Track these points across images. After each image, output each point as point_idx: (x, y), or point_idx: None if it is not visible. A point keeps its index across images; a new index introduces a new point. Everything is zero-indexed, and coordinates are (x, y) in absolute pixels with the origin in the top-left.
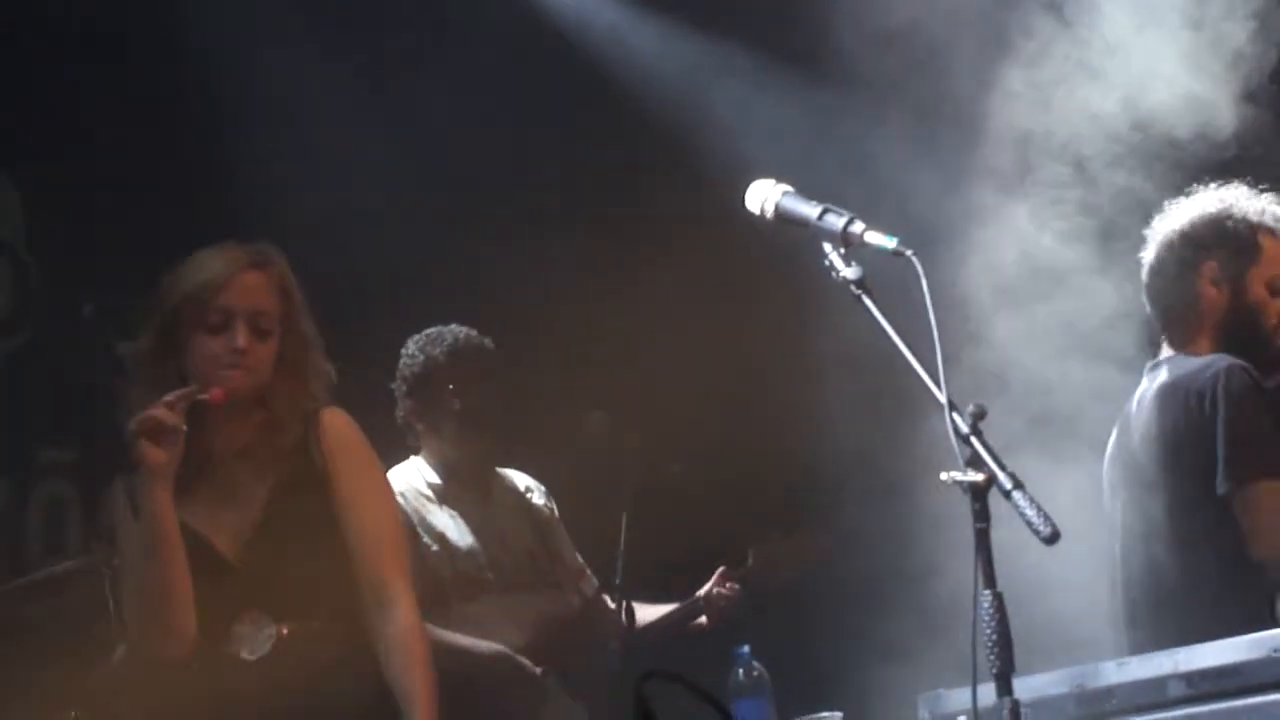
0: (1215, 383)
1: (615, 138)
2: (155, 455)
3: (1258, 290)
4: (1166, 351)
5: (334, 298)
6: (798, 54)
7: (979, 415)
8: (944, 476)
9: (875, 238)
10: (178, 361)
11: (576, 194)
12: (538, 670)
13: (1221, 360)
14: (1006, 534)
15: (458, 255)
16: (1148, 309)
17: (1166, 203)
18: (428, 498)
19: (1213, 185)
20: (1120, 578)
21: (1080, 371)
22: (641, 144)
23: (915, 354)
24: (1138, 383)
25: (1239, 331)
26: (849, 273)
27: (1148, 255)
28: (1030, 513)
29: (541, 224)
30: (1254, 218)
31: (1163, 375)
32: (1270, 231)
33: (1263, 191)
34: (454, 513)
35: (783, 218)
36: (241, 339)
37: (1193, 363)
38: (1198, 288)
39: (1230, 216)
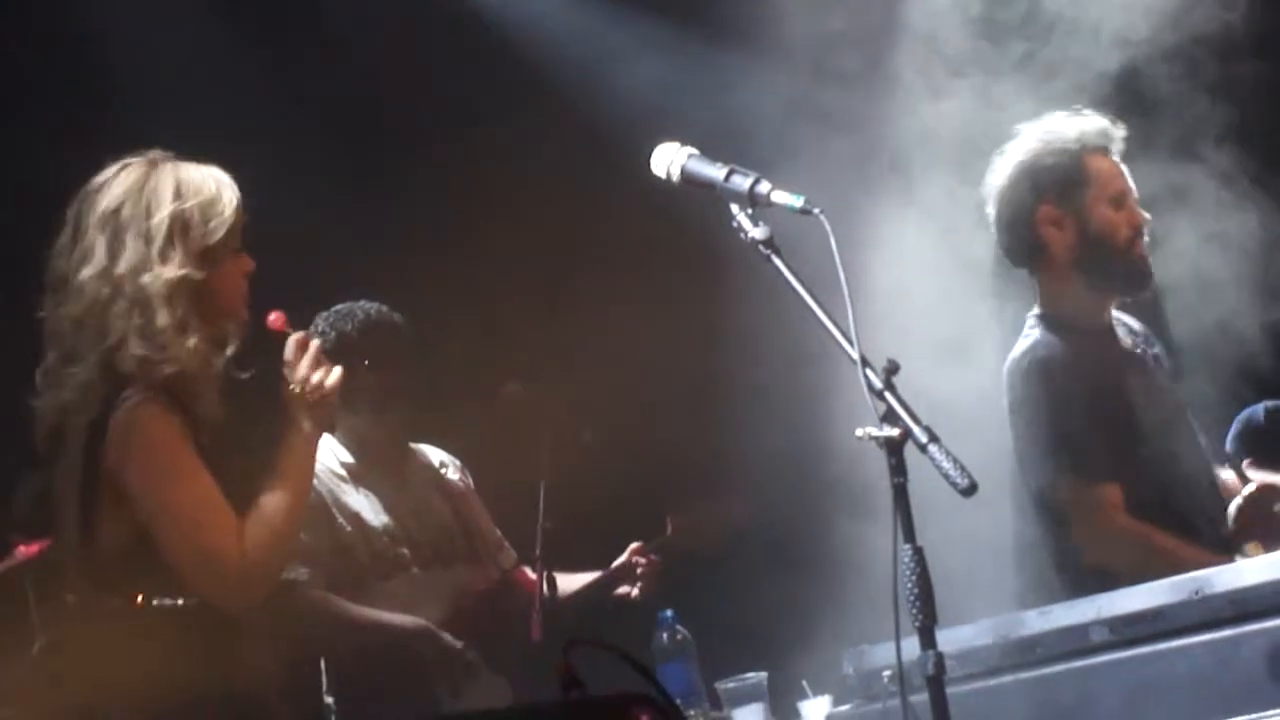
0: (1029, 375)
1: (519, 106)
2: (322, 415)
3: (1100, 212)
4: (1037, 304)
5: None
6: (696, 15)
7: (892, 370)
8: (859, 432)
9: (782, 197)
10: (211, 288)
11: (482, 165)
12: (458, 644)
13: (1038, 348)
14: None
15: (361, 229)
16: (1011, 266)
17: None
18: (341, 477)
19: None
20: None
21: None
22: (548, 112)
23: (826, 311)
24: None
25: (1096, 261)
26: (757, 233)
27: (989, 214)
28: (947, 465)
29: (446, 195)
30: (1074, 146)
31: (1016, 344)
32: (1095, 150)
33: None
34: (368, 491)
35: (689, 180)
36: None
37: (1023, 342)
38: (1043, 235)
39: (1050, 153)
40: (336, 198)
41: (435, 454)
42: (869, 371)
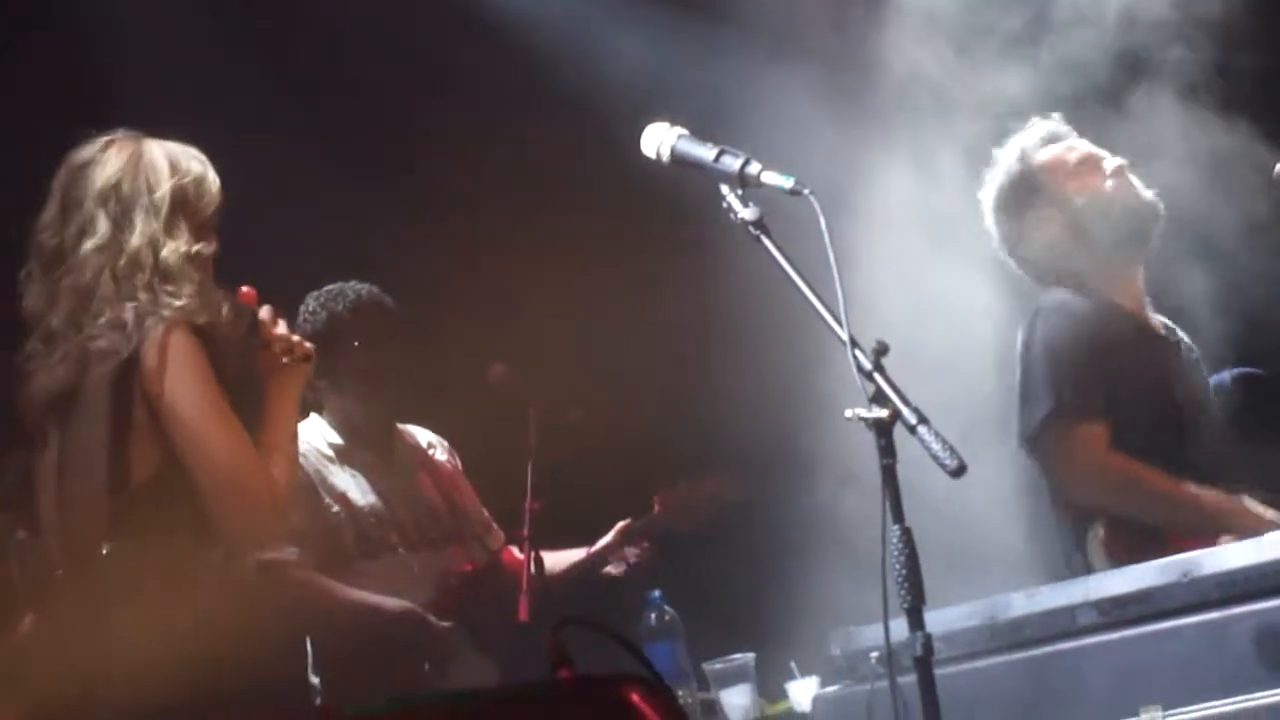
0: (1032, 323)
1: (507, 86)
2: (301, 379)
3: (1073, 185)
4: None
5: (217, 254)
6: None
7: (881, 351)
8: (849, 414)
9: (772, 177)
10: (211, 260)
11: (470, 146)
12: (445, 625)
13: (1052, 299)
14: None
15: (351, 210)
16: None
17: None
18: (328, 458)
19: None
20: None
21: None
22: (534, 92)
23: (816, 292)
24: None
25: (1098, 223)
26: (747, 214)
27: (993, 240)
28: (936, 446)
29: (434, 176)
30: (1034, 154)
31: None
32: (1039, 146)
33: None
34: (355, 472)
35: (679, 161)
36: None
37: (1042, 297)
38: (1040, 244)
39: (1005, 179)
40: (326, 179)
41: (423, 435)
42: (858, 352)
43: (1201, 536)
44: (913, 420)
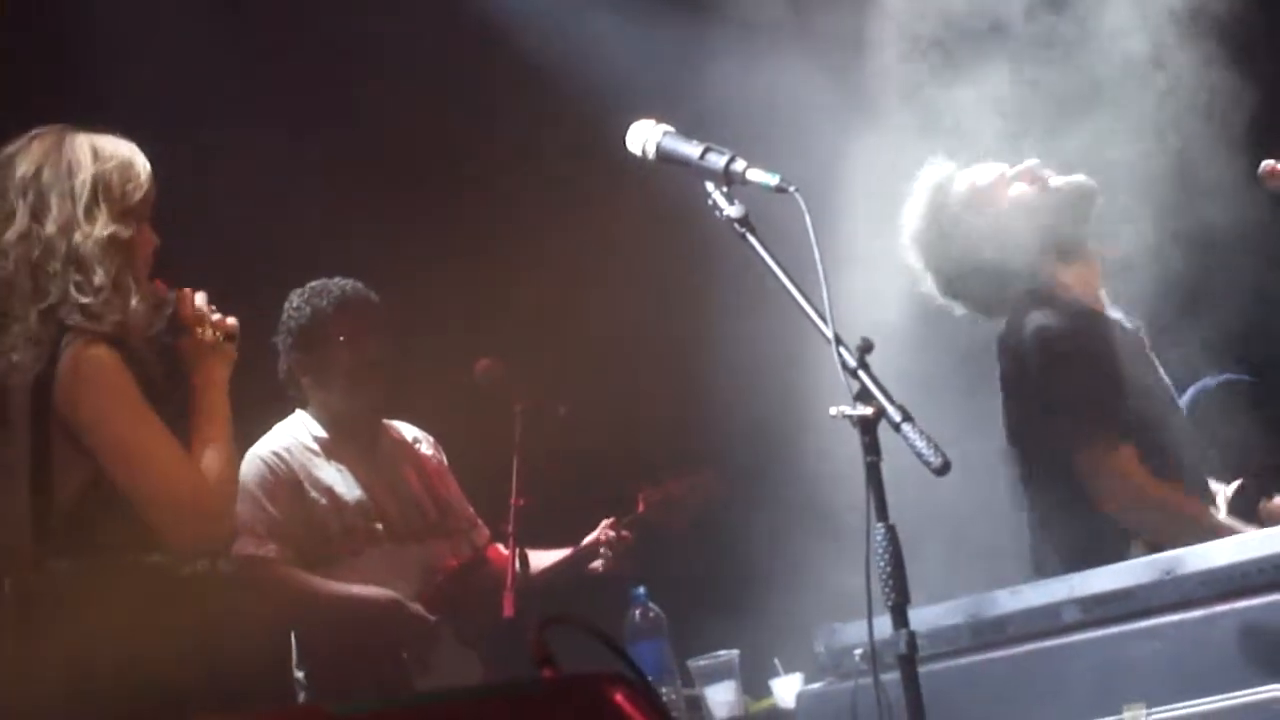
0: (1029, 345)
1: (495, 83)
2: (229, 356)
3: (987, 197)
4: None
5: (202, 252)
6: None
7: (866, 349)
8: (833, 411)
9: (757, 175)
10: (135, 251)
11: (458, 142)
12: (427, 616)
13: (1034, 319)
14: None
15: (337, 206)
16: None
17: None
18: (314, 452)
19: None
20: None
21: None
22: (523, 89)
23: (801, 290)
24: None
25: (1030, 237)
26: (732, 211)
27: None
28: (920, 444)
29: (421, 172)
30: (944, 193)
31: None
32: (951, 179)
33: None
34: (340, 466)
35: (664, 158)
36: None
37: (1014, 317)
38: (979, 272)
39: (935, 211)
40: (312, 175)
41: (409, 430)
42: (843, 350)
43: None
44: (897, 418)
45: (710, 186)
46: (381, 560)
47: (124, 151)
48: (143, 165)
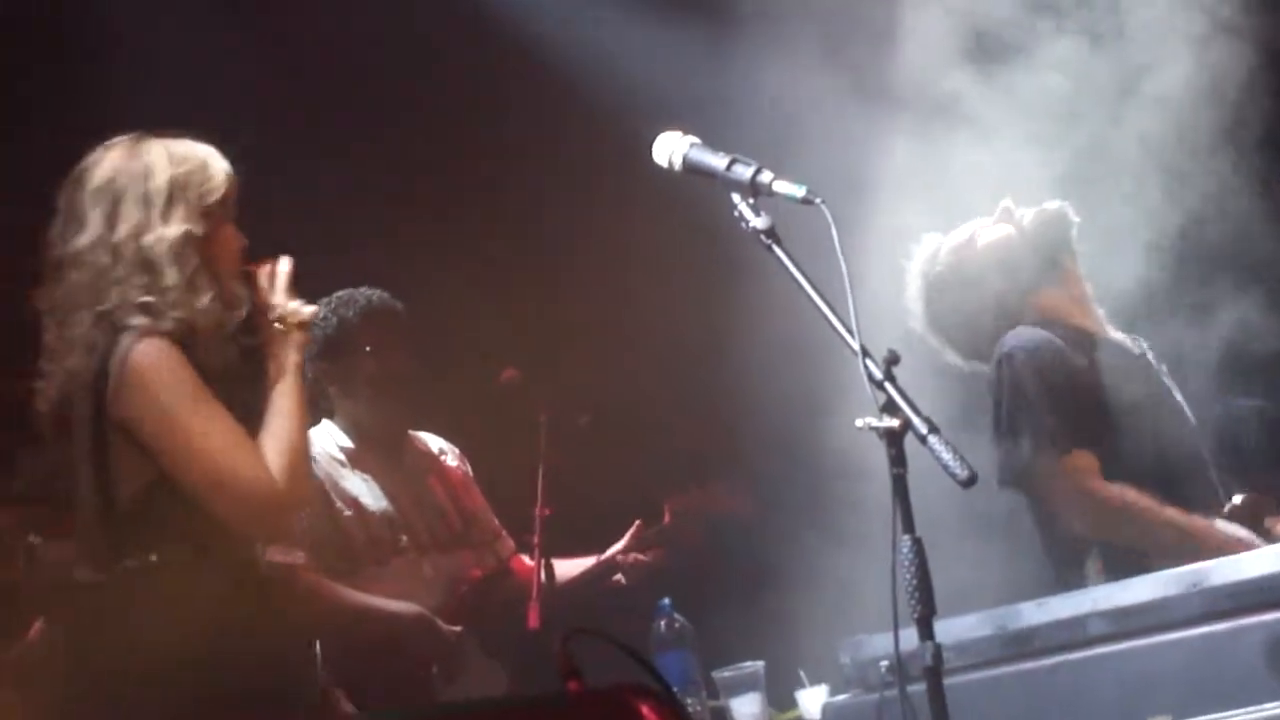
0: (1002, 361)
1: (521, 94)
2: (302, 342)
3: (970, 256)
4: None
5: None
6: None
7: (893, 361)
8: (859, 423)
9: (783, 186)
10: (213, 249)
11: (483, 152)
12: (454, 630)
13: (1018, 335)
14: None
15: (363, 216)
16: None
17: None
18: (340, 462)
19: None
20: None
21: None
22: (549, 99)
23: (827, 302)
24: None
25: (1013, 273)
26: (758, 222)
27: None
28: (946, 456)
29: (447, 182)
30: (935, 262)
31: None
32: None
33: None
34: (366, 476)
35: (691, 169)
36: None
37: (1008, 337)
38: (975, 319)
39: (927, 280)
40: (339, 185)
41: (434, 441)
42: (869, 362)
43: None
44: (923, 430)
45: (737, 198)
46: (406, 571)
47: (200, 154)
48: (220, 166)
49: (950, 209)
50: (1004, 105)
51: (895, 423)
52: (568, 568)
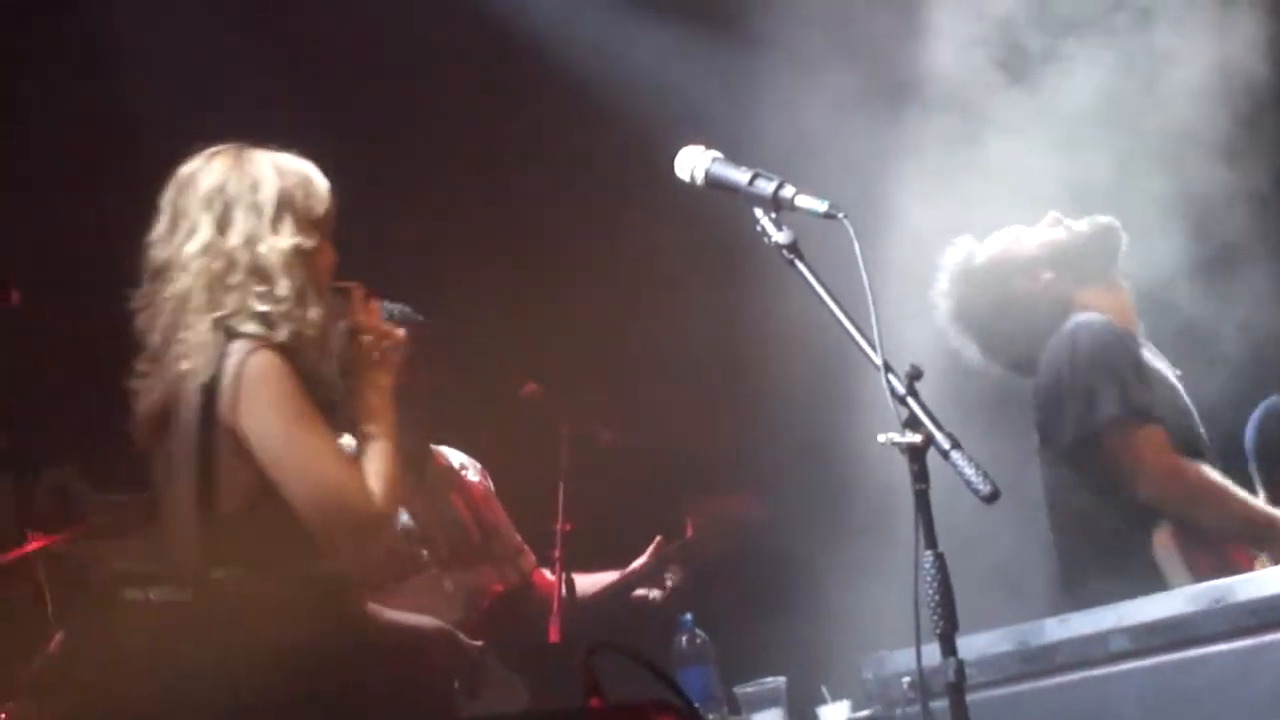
0: (1069, 337)
1: (541, 109)
2: (393, 366)
3: (1025, 251)
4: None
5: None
6: (721, 15)
7: (915, 376)
8: (882, 438)
9: (806, 201)
10: (318, 261)
11: (504, 167)
12: (476, 645)
13: (1080, 318)
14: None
15: (384, 230)
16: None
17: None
18: None
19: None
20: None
21: None
22: (569, 115)
23: (849, 316)
24: None
25: (1067, 270)
26: (780, 237)
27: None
28: (969, 472)
29: (469, 197)
30: (975, 259)
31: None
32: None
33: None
34: None
35: (713, 184)
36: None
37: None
38: (1027, 320)
39: (967, 282)
40: (356, 198)
41: (455, 456)
42: (891, 377)
43: (1246, 547)
44: (946, 445)
45: (759, 212)
46: (427, 586)
47: (304, 168)
48: (322, 181)
49: (971, 220)
50: (1026, 115)
51: (918, 438)
52: (589, 583)
